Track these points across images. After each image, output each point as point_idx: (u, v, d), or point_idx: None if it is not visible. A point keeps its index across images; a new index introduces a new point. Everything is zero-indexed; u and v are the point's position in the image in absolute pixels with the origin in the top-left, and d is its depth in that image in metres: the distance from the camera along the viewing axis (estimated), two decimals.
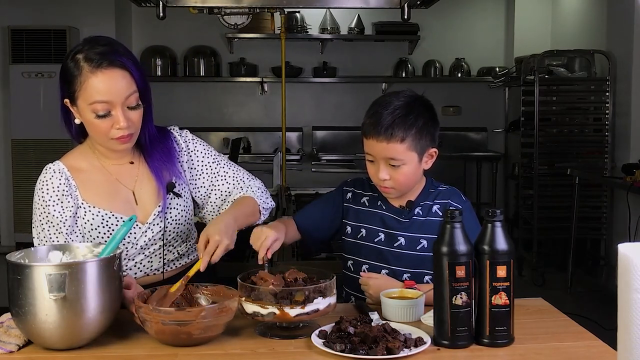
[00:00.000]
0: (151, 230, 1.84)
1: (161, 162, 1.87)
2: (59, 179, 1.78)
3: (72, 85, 1.72)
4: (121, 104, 1.71)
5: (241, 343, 1.55)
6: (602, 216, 5.34)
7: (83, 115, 1.74)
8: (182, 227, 1.90)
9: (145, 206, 1.85)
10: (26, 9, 5.82)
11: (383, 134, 1.82)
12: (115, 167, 1.85)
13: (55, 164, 1.81)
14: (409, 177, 1.88)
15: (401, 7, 2.41)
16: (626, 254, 1.09)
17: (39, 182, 1.79)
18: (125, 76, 1.72)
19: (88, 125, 1.75)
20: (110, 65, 1.70)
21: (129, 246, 1.82)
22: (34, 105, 5.68)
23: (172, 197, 1.87)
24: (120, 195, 1.83)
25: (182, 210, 1.89)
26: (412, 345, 1.47)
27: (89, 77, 1.69)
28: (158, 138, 1.89)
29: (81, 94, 1.71)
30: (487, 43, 6.71)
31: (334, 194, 2.06)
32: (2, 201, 6.00)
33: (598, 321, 3.09)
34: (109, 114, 1.71)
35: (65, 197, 1.77)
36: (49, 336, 1.48)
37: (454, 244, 1.49)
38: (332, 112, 6.70)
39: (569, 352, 1.49)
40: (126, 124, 1.72)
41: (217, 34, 6.37)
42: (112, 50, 1.72)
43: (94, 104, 1.70)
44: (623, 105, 5.12)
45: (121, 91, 1.71)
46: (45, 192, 1.77)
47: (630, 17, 4.94)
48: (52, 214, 1.76)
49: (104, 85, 1.69)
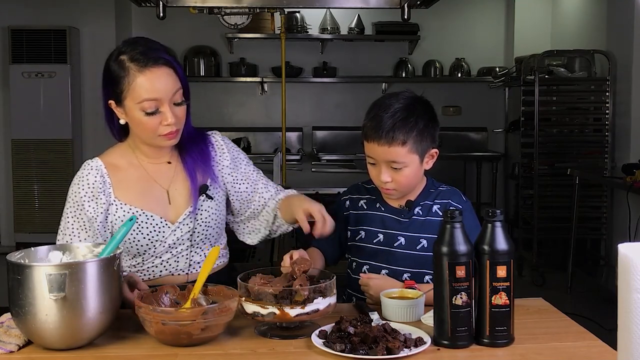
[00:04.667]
0: (180, 229, 1.86)
1: (196, 163, 1.90)
2: (95, 176, 1.82)
3: (119, 86, 1.75)
4: (169, 101, 1.76)
5: (241, 343, 1.55)
6: (602, 216, 5.34)
7: (131, 114, 1.77)
8: (211, 230, 1.91)
9: (178, 206, 1.87)
10: (26, 9, 5.82)
11: (384, 138, 1.82)
12: (153, 166, 1.88)
13: (93, 161, 1.86)
14: (410, 178, 1.89)
15: (401, 7, 2.41)
16: (626, 254, 1.09)
17: (76, 178, 1.84)
18: (170, 73, 1.76)
19: (136, 123, 1.79)
20: (156, 64, 1.74)
21: (157, 244, 1.84)
22: (34, 105, 5.68)
23: (204, 199, 1.89)
24: (154, 194, 1.86)
25: (213, 213, 1.90)
26: (412, 345, 1.47)
27: (136, 77, 1.73)
28: (195, 138, 1.93)
29: (129, 94, 1.75)
30: (487, 43, 6.71)
31: (336, 209, 2.06)
32: (2, 201, 5.99)
33: (598, 321, 3.09)
34: (157, 111, 1.75)
35: (99, 194, 1.81)
36: (49, 336, 1.48)
37: (454, 244, 1.49)
38: (332, 112, 6.70)
39: (569, 352, 1.49)
40: (174, 120, 1.76)
41: (217, 34, 6.37)
42: (155, 49, 1.77)
43: (142, 102, 1.74)
44: (623, 105, 5.12)
45: (168, 88, 1.75)
46: (81, 188, 1.82)
47: (630, 17, 4.94)
48: (85, 210, 1.80)
49: (152, 84, 1.73)
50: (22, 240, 5.61)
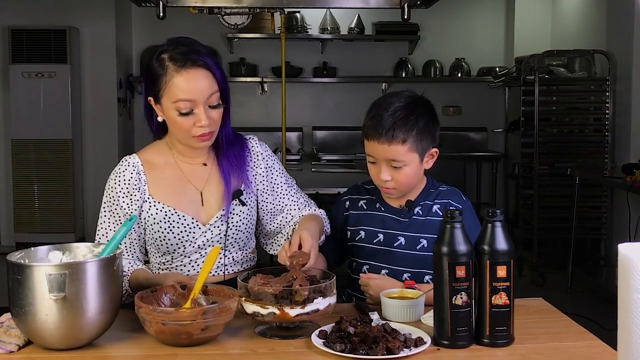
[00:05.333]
0: (210, 231, 1.86)
1: (232, 166, 1.90)
2: (131, 173, 1.84)
3: (157, 84, 1.77)
4: (203, 103, 1.76)
5: (241, 343, 1.55)
6: (602, 216, 5.34)
7: (166, 112, 1.79)
8: (241, 235, 1.91)
9: (210, 208, 1.87)
10: (26, 9, 5.82)
11: (384, 136, 1.83)
12: (189, 167, 1.89)
13: (131, 157, 1.87)
14: (410, 177, 1.89)
15: (401, 7, 2.41)
16: (626, 254, 1.09)
17: (113, 173, 1.86)
18: (207, 76, 1.76)
19: (171, 122, 1.80)
20: (194, 65, 1.75)
21: (187, 244, 1.85)
22: (34, 105, 5.68)
23: (237, 203, 1.89)
24: (188, 195, 1.87)
25: (245, 218, 1.91)
26: (412, 345, 1.47)
27: (173, 77, 1.74)
28: (233, 142, 1.92)
29: (165, 93, 1.76)
30: (487, 43, 6.71)
31: (336, 210, 2.06)
32: (2, 201, 5.99)
33: (598, 321, 3.09)
34: (192, 112, 1.76)
35: (134, 191, 1.83)
36: (49, 336, 1.48)
37: (454, 244, 1.49)
38: (332, 112, 6.69)
39: (569, 352, 1.49)
40: (207, 122, 1.77)
41: (217, 34, 6.36)
42: (195, 51, 1.77)
43: (177, 102, 1.75)
44: (623, 105, 5.12)
45: (204, 90, 1.75)
46: (117, 184, 1.84)
47: (630, 17, 4.94)
48: (120, 205, 1.82)
49: (187, 85, 1.74)
50: (22, 240, 5.61)
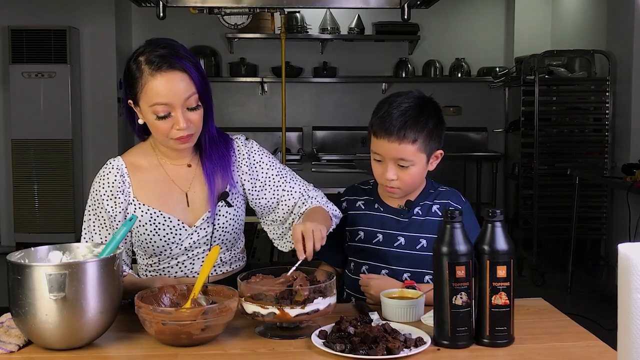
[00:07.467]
0: (197, 233, 1.85)
1: (215, 167, 1.88)
2: (115, 175, 1.83)
3: (134, 87, 1.75)
4: (181, 106, 1.73)
5: (241, 343, 1.55)
6: (602, 216, 5.34)
7: (145, 116, 1.77)
8: (228, 236, 1.90)
9: (196, 210, 1.86)
10: (26, 9, 5.82)
11: (395, 135, 1.82)
12: (173, 168, 1.88)
13: (115, 160, 1.86)
14: (415, 177, 1.89)
15: (401, 7, 2.41)
16: (626, 254, 1.09)
17: (97, 176, 1.85)
18: (184, 78, 1.73)
19: (150, 125, 1.79)
20: (169, 68, 1.72)
21: (173, 246, 1.84)
22: (34, 105, 5.68)
23: (223, 205, 1.87)
24: (173, 196, 1.85)
25: (231, 219, 1.89)
26: (412, 345, 1.47)
27: (149, 80, 1.72)
28: (217, 142, 1.90)
29: (142, 96, 1.74)
30: (487, 43, 6.71)
31: None
32: (2, 201, 6.00)
33: (598, 321, 3.09)
34: (169, 115, 1.74)
35: (118, 194, 1.82)
36: (49, 336, 1.48)
37: (454, 244, 1.49)
38: (332, 112, 6.70)
39: (569, 352, 1.49)
40: (186, 125, 1.74)
41: (217, 34, 6.37)
42: (172, 53, 1.74)
43: (154, 106, 1.73)
44: (623, 105, 5.12)
45: (180, 93, 1.72)
46: (101, 186, 1.83)
47: (630, 17, 4.94)
48: (104, 208, 1.81)
49: (163, 88, 1.71)
50: (22, 240, 5.62)
